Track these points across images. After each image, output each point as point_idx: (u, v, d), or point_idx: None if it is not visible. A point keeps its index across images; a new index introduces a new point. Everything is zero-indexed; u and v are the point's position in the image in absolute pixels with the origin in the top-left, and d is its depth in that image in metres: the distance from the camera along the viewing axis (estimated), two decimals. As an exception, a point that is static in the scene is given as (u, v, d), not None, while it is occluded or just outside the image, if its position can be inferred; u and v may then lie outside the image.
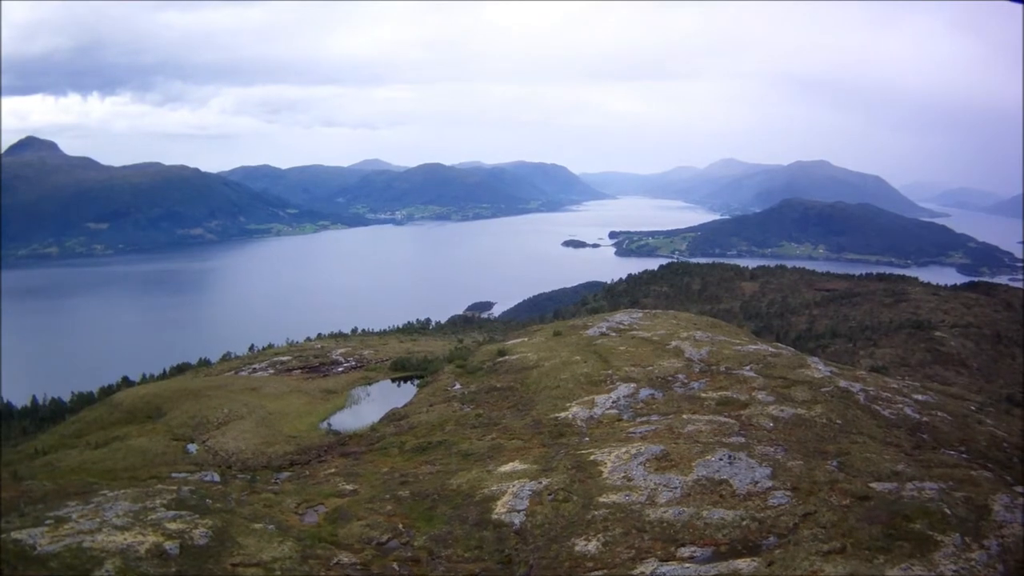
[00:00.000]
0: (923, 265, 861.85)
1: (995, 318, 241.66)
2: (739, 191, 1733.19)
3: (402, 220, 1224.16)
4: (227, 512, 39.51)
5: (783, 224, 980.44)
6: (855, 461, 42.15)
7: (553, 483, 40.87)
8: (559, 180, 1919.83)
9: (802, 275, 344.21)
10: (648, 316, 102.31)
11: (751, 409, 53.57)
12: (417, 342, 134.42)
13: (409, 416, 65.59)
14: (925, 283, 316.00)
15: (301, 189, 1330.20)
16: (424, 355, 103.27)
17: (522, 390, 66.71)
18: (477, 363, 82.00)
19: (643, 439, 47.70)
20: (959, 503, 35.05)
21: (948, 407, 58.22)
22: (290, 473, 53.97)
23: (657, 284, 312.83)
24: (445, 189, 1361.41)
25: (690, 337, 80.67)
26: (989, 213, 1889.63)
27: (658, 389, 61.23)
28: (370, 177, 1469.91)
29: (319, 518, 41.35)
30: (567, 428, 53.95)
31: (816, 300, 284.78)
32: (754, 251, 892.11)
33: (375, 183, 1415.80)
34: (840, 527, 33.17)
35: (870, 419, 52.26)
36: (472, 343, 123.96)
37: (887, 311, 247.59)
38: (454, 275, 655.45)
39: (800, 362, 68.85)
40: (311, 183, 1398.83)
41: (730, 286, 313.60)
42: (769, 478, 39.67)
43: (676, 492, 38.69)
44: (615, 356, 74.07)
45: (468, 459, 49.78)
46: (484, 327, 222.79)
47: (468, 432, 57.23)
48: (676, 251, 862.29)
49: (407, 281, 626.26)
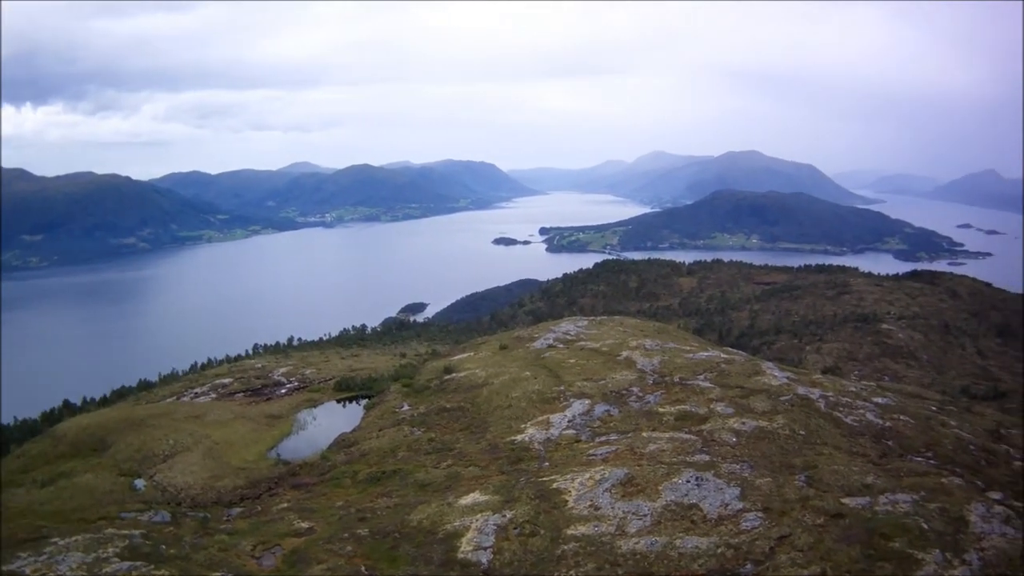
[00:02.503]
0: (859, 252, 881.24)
1: (941, 308, 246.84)
2: (669, 183, 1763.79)
3: (332, 222, 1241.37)
4: (182, 559, 39.27)
5: (715, 215, 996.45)
6: (823, 475, 42.90)
7: (518, 515, 40.94)
8: (488, 178, 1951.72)
9: (740, 269, 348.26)
10: (594, 324, 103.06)
11: (711, 423, 54.33)
12: (358, 357, 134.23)
13: (359, 442, 65.41)
14: (867, 273, 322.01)
15: (232, 194, 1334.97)
16: (368, 373, 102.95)
17: (473, 411, 66.85)
18: (424, 381, 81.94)
19: (605, 462, 48.10)
20: (935, 516, 36.10)
21: (909, 409, 59.54)
22: (242, 508, 53.54)
23: (594, 283, 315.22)
24: (374, 190, 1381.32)
25: (640, 346, 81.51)
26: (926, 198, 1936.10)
27: (613, 405, 61.79)
28: (300, 180, 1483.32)
29: (277, 561, 41.10)
30: (525, 452, 54.22)
31: (756, 294, 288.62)
32: (687, 243, 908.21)
33: (305, 186, 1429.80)
34: (818, 549, 33.89)
35: (833, 428, 53.26)
36: (415, 357, 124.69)
37: (830, 304, 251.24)
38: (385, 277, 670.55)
39: (755, 369, 69.83)
40: (242, 188, 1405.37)
41: (667, 282, 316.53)
42: (739, 499, 40.25)
43: (646, 520, 39.09)
44: (566, 370, 74.54)
45: (426, 490, 49.82)
46: (423, 334, 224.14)
47: (422, 459, 57.26)
48: (608, 246, 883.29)
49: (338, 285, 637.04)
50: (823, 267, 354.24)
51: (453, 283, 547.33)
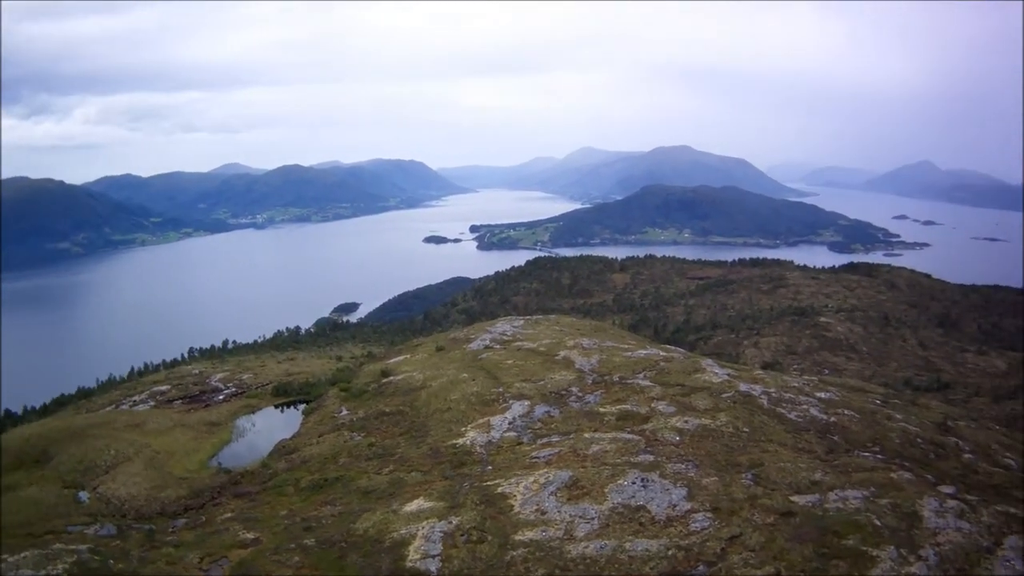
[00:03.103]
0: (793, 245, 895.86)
1: (880, 300, 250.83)
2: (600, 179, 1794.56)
3: (263, 224, 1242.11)
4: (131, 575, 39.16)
5: (646, 210, 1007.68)
6: (770, 472, 43.14)
7: (464, 522, 40.52)
8: (418, 176, 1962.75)
9: (673, 264, 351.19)
10: (530, 324, 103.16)
11: (654, 423, 54.33)
12: (295, 360, 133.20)
13: (300, 449, 64.76)
14: (803, 267, 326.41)
15: (164, 197, 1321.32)
16: (305, 377, 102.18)
17: (412, 414, 66.41)
18: (362, 385, 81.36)
19: (548, 464, 47.90)
20: (887, 511, 36.44)
21: (853, 403, 60.10)
22: (186, 519, 52.89)
23: (526, 281, 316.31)
24: (304, 190, 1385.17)
25: (577, 346, 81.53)
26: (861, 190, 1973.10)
27: (553, 405, 61.62)
28: (230, 181, 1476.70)
29: (225, 573, 40.71)
30: (467, 456, 53.81)
31: (690, 289, 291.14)
32: (618, 239, 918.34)
33: (236, 187, 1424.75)
34: (770, 549, 33.98)
35: (778, 424, 53.44)
36: (351, 360, 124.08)
37: (766, 298, 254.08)
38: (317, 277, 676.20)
39: (694, 366, 70.12)
40: (173, 190, 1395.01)
41: (600, 279, 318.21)
42: (686, 499, 40.28)
43: (594, 524, 38.89)
44: (504, 371, 74.33)
45: (370, 497, 49.27)
46: (357, 335, 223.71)
47: (364, 465, 56.74)
48: (539, 242, 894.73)
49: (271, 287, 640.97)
50: (757, 261, 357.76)
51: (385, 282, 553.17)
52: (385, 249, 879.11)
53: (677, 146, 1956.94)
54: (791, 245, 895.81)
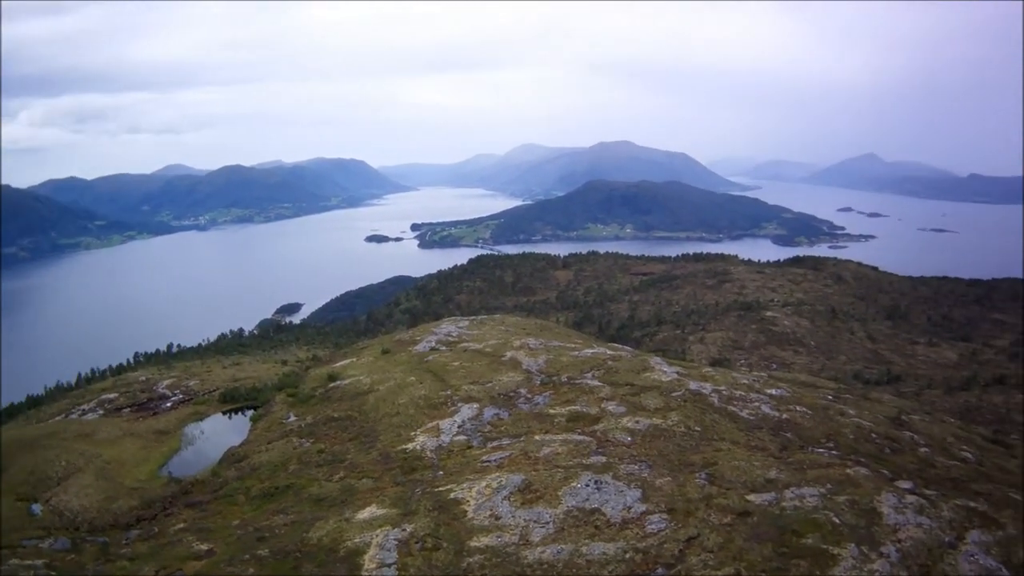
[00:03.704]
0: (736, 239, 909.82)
1: (827, 293, 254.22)
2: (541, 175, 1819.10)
3: (205, 225, 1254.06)
4: (87, 590, 38.37)
5: (587, 206, 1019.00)
6: (724, 471, 43.26)
7: (418, 529, 40.26)
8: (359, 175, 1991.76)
9: (616, 260, 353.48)
10: (475, 324, 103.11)
11: (604, 423, 54.41)
12: (240, 365, 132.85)
13: (249, 456, 64.26)
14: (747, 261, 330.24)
15: (108, 199, 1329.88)
16: (252, 383, 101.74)
17: (361, 419, 66.04)
18: (309, 390, 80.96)
19: (500, 468, 47.78)
20: (845, 509, 36.72)
21: (805, 400, 60.69)
22: (139, 531, 52.27)
23: (469, 279, 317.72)
24: (246, 191, 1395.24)
25: (524, 346, 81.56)
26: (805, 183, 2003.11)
27: (502, 408, 61.59)
28: (173, 183, 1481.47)
29: (182, 587, 40.28)
30: (418, 461, 53.55)
31: (634, 285, 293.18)
32: (560, 235, 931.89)
33: (178, 188, 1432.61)
34: (728, 549, 34.03)
35: (729, 422, 53.77)
36: (297, 363, 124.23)
37: (711, 293, 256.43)
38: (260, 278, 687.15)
39: (643, 364, 70.30)
40: (117, 193, 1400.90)
41: (543, 276, 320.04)
42: (641, 501, 40.36)
43: (549, 528, 38.82)
44: (451, 374, 74.17)
45: (321, 505, 48.92)
46: (301, 337, 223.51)
47: (314, 472, 56.36)
48: (480, 240, 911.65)
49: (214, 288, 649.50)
50: (701, 256, 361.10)
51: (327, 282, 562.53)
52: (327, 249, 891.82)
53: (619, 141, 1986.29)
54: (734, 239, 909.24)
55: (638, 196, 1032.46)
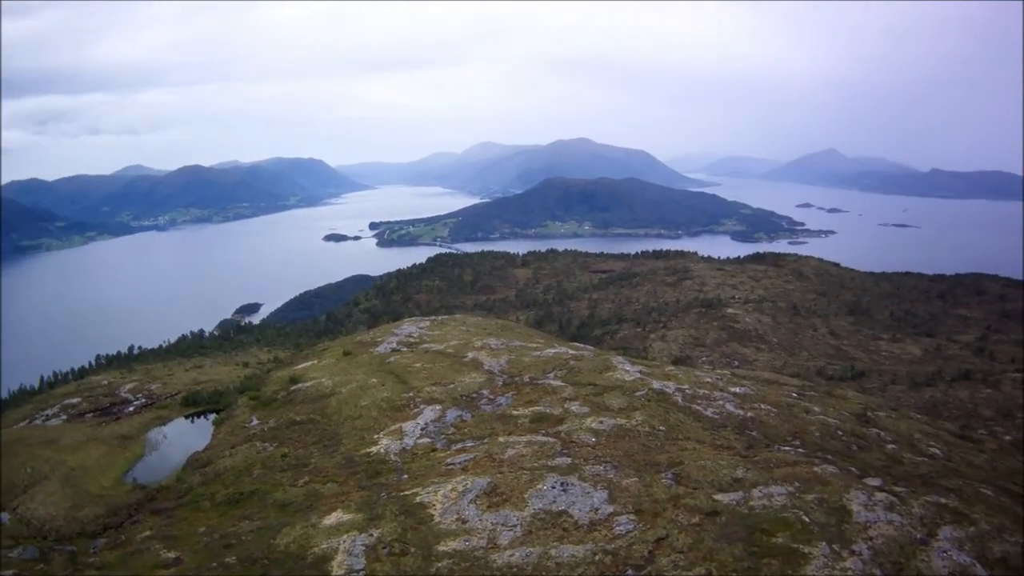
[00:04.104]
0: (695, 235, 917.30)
1: (788, 289, 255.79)
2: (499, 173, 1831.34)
3: (165, 225, 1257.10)
4: (57, 600, 37.90)
5: (545, 203, 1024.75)
6: (691, 471, 43.38)
7: (385, 534, 39.96)
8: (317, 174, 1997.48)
9: (575, 258, 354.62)
10: (435, 324, 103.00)
11: (568, 424, 54.39)
12: (202, 368, 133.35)
13: (213, 461, 63.73)
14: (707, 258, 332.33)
15: (69, 201, 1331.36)
16: (214, 386, 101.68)
17: (324, 422, 65.61)
18: (271, 393, 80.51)
19: (465, 471, 47.61)
20: (814, 507, 36.94)
21: (770, 397, 61.04)
22: (106, 539, 51.76)
23: (428, 278, 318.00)
24: (205, 191, 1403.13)
25: (485, 346, 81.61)
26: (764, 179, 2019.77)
27: (465, 409, 61.40)
28: (133, 183, 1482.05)
29: (151, 597, 39.92)
30: (382, 465, 53.18)
31: (594, 283, 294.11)
32: (518, 233, 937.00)
33: (138, 189, 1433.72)
34: (698, 550, 34.02)
35: (694, 422, 54.03)
36: (258, 365, 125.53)
37: (671, 291, 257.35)
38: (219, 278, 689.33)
39: (605, 364, 70.46)
40: (78, 194, 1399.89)
41: (503, 274, 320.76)
42: (608, 502, 40.34)
43: (517, 531, 38.69)
44: (413, 375, 73.92)
45: (287, 510, 48.54)
46: (261, 338, 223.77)
47: (278, 477, 55.92)
48: (438, 238, 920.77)
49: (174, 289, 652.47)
50: (660, 253, 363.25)
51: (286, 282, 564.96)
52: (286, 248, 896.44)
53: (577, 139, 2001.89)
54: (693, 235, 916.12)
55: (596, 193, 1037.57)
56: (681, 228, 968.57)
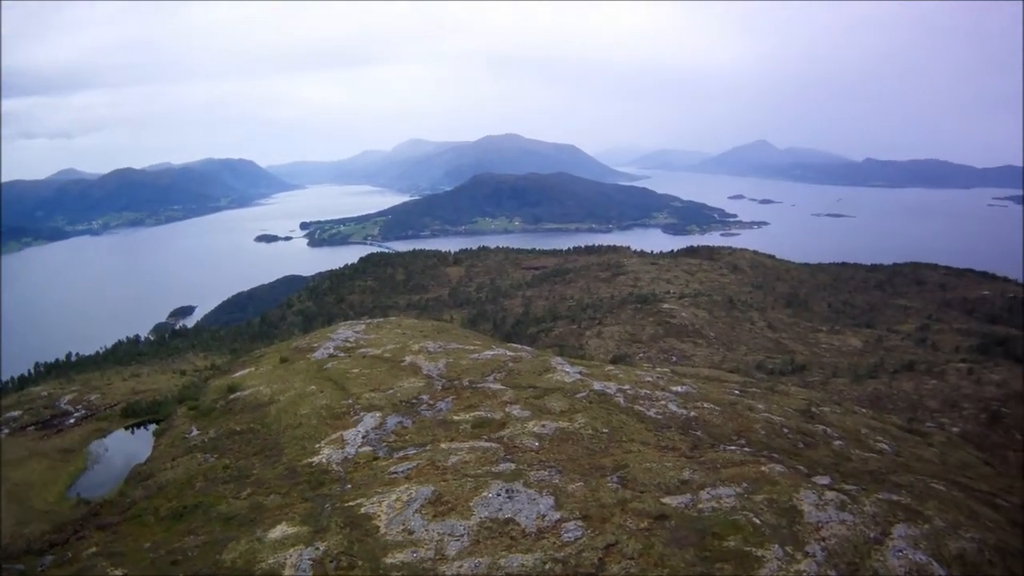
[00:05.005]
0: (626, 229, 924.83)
1: (723, 283, 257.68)
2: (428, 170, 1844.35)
3: (99, 230, 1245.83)
4: (6, 621, 37.87)
5: (475, 200, 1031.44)
6: (636, 474, 43.44)
7: (331, 547, 39.46)
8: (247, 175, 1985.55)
9: (507, 255, 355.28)
10: (371, 328, 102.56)
11: (510, 428, 54.32)
12: (140, 377, 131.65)
13: (155, 474, 62.99)
14: (640, 252, 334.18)
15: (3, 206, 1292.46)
16: (152, 395, 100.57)
17: (264, 432, 65.01)
18: (209, 403, 79.74)
19: (408, 479, 47.25)
20: (764, 508, 37.22)
21: (712, 395, 61.52)
22: (53, 556, 51.14)
23: (361, 279, 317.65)
24: (137, 194, 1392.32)
25: (422, 349, 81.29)
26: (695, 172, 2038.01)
27: (405, 415, 61.03)
28: (67, 187, 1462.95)
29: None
30: (324, 475, 52.69)
31: (527, 280, 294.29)
32: (448, 229, 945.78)
33: (71, 193, 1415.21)
34: (649, 556, 34.05)
35: (637, 423, 54.10)
36: (195, 373, 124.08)
37: (605, 286, 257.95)
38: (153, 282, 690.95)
39: (544, 365, 70.67)
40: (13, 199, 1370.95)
41: (435, 273, 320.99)
42: (554, 508, 40.23)
43: (464, 541, 38.35)
44: (351, 381, 73.42)
45: (231, 524, 47.98)
46: (197, 343, 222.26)
47: (221, 489, 55.30)
48: (369, 237, 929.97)
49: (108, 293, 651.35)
50: (593, 248, 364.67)
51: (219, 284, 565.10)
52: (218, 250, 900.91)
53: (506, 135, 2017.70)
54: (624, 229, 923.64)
55: (526, 189, 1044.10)
56: (612, 222, 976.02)
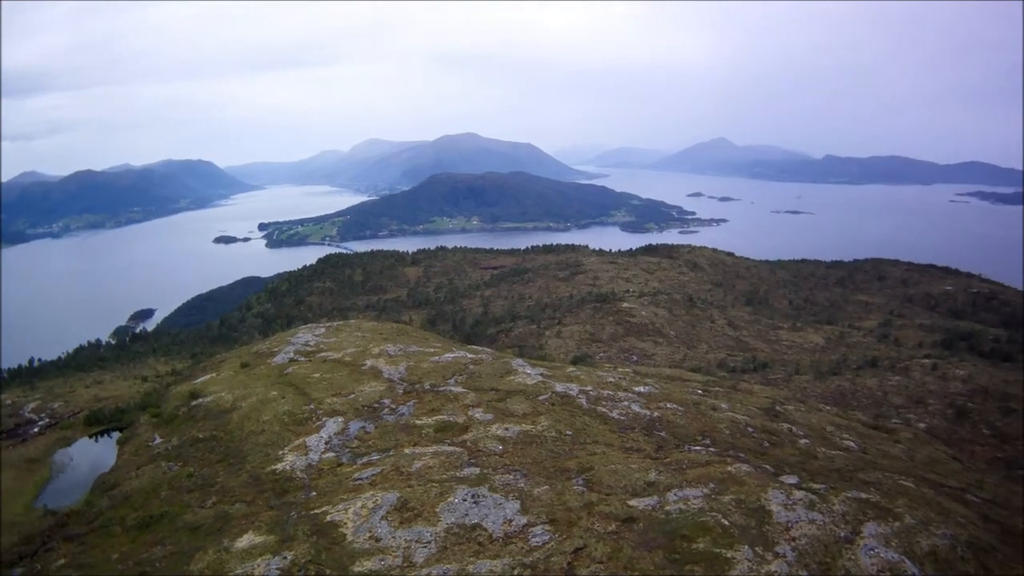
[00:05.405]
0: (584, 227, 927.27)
1: (683, 281, 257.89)
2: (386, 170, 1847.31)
3: (59, 232, 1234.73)
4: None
5: (433, 199, 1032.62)
6: (602, 476, 43.43)
7: (299, 556, 39.13)
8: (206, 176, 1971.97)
9: (465, 255, 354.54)
10: (331, 331, 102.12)
11: (473, 432, 54.08)
12: (102, 383, 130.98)
13: (120, 483, 62.43)
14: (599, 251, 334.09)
15: None
16: (115, 403, 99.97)
17: (227, 439, 64.44)
18: (172, 409, 79.16)
19: (373, 486, 46.90)
20: (732, 509, 37.17)
21: (675, 395, 61.51)
22: (23, 569, 50.67)
23: (319, 280, 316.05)
24: (98, 196, 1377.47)
25: (383, 353, 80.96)
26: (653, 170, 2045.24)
27: (367, 420, 60.63)
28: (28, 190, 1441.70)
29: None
30: (289, 483, 52.34)
31: (485, 280, 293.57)
32: (406, 229, 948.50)
33: (33, 196, 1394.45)
34: (618, 559, 33.88)
35: (600, 424, 54.11)
36: (156, 379, 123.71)
37: (564, 285, 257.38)
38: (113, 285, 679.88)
39: (505, 367, 70.57)
40: None
41: (393, 273, 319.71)
42: (521, 513, 40.11)
43: (431, 547, 38.11)
44: (312, 386, 72.96)
45: (198, 534, 47.54)
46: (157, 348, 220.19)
47: (186, 498, 54.85)
48: (327, 237, 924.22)
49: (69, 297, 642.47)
50: (551, 247, 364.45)
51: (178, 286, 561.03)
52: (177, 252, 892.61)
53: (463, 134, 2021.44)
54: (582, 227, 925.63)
55: (484, 188, 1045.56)
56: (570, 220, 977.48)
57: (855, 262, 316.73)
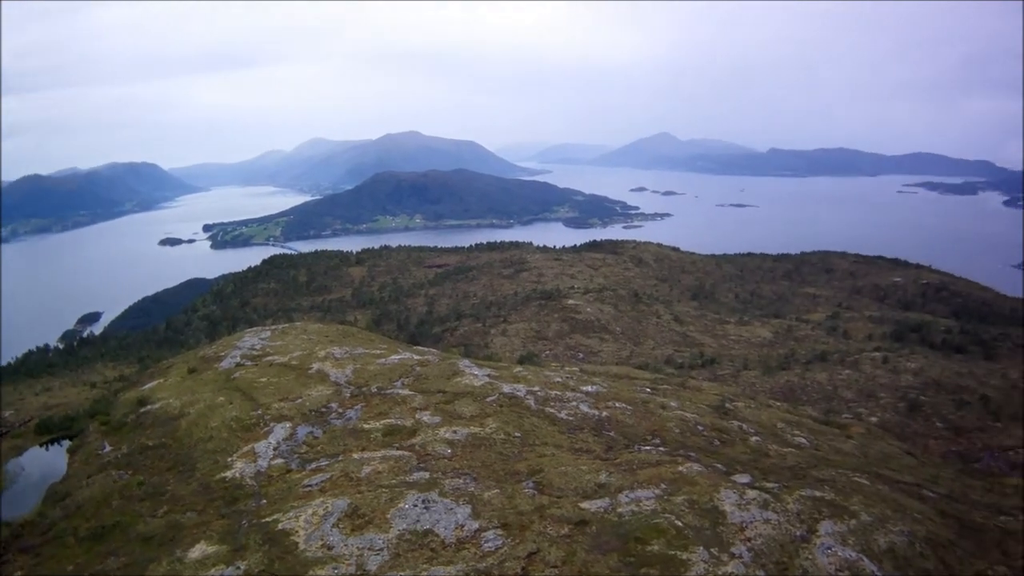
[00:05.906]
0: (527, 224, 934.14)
1: (628, 276, 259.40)
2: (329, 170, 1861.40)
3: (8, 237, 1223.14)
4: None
5: (376, 198, 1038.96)
6: (552, 478, 43.31)
7: (252, 566, 38.58)
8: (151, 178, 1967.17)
9: (409, 253, 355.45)
10: (277, 334, 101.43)
11: (422, 436, 53.83)
12: (51, 391, 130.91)
13: (72, 492, 61.65)
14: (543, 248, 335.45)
15: None
16: (64, 410, 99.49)
17: (176, 446, 63.71)
18: (120, 417, 78.26)
19: (323, 492, 46.49)
20: (685, 510, 37.12)
21: (623, 394, 61.58)
22: None
23: (264, 281, 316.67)
24: (44, 200, 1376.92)
25: (329, 356, 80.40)
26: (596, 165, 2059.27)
27: (315, 425, 60.23)
28: None
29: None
30: (239, 490, 51.75)
31: (429, 279, 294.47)
32: (350, 228, 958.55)
33: None
34: (572, 563, 33.79)
35: (549, 425, 54.00)
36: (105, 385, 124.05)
37: (509, 283, 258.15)
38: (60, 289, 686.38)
39: (452, 369, 70.32)
40: None
41: (337, 273, 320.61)
42: (472, 517, 39.87)
43: (384, 555, 37.73)
44: (259, 391, 72.37)
45: (150, 544, 46.93)
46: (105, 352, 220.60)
47: (138, 507, 54.21)
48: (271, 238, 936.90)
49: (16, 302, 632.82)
50: (495, 244, 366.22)
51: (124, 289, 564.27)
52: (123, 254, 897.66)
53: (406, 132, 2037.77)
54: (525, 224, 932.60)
55: (426, 186, 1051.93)
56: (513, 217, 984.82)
57: (802, 255, 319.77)
